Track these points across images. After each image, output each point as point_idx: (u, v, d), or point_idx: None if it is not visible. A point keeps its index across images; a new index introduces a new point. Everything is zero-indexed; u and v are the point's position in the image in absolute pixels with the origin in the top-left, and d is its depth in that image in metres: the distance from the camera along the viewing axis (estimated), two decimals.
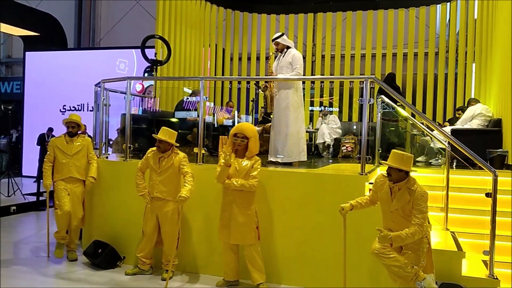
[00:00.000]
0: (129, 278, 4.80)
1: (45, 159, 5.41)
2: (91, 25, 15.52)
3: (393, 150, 3.68)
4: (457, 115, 8.18)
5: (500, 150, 6.46)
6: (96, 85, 6.18)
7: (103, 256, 5.08)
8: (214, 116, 7.94)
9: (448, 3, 10.52)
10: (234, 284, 4.62)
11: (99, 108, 6.09)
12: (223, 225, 4.46)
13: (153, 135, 4.82)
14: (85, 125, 10.58)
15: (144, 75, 9.31)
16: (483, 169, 4.18)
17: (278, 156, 5.61)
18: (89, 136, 10.19)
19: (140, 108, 8.04)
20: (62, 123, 5.49)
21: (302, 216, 4.66)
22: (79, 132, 5.52)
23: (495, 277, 3.97)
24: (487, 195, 4.02)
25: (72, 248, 5.40)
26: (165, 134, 4.71)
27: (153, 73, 8.68)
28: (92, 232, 5.57)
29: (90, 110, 12.44)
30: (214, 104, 10.53)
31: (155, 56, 9.00)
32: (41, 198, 8.46)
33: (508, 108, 6.56)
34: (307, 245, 4.64)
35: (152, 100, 8.80)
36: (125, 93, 5.68)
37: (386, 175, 3.69)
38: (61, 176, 5.32)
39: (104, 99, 6.00)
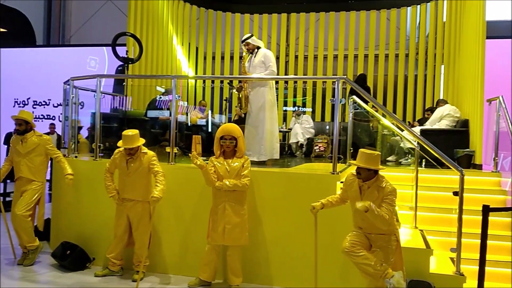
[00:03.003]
0: (99, 279, 4.72)
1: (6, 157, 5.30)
2: (61, 22, 15.13)
3: (361, 150, 3.72)
4: (426, 116, 8.35)
5: (467, 149, 6.63)
6: (65, 82, 6.04)
7: (72, 257, 4.97)
8: (187, 115, 7.86)
9: (418, 6, 10.73)
10: (206, 285, 4.60)
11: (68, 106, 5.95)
12: (216, 227, 4.38)
13: (118, 143, 4.63)
14: (53, 124, 10.48)
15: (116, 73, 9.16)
16: (450, 168, 4.29)
17: (254, 155, 5.62)
18: (58, 135, 10.07)
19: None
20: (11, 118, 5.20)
21: (275, 215, 4.67)
22: (33, 129, 5.19)
23: (461, 274, 4.08)
24: (455, 193, 4.12)
25: (26, 249, 5.11)
26: (128, 141, 4.54)
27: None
28: (60, 233, 5.45)
29: (55, 106, 12.25)
30: (187, 103, 10.44)
31: (127, 54, 8.85)
32: (7, 199, 8.22)
33: (474, 108, 6.75)
34: (279, 244, 4.66)
35: (124, 98, 8.65)
36: (95, 91, 5.57)
37: (355, 174, 3.74)
38: (16, 176, 5.17)
39: (73, 97, 5.86)
